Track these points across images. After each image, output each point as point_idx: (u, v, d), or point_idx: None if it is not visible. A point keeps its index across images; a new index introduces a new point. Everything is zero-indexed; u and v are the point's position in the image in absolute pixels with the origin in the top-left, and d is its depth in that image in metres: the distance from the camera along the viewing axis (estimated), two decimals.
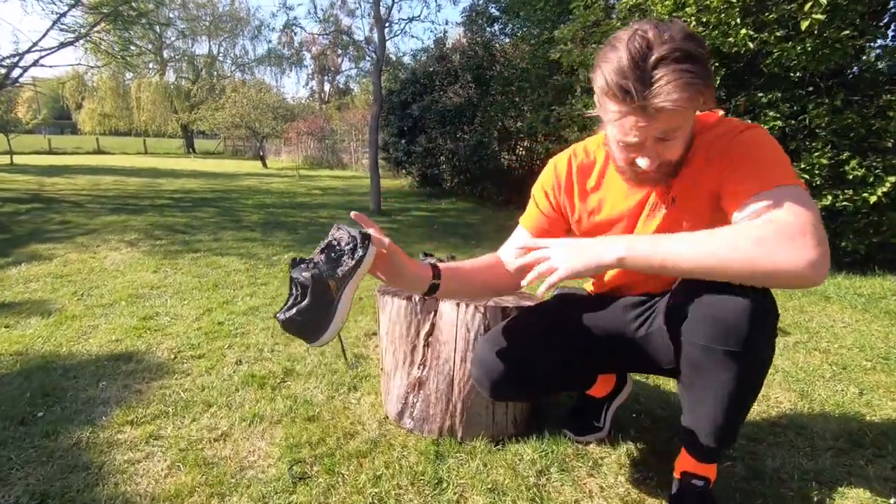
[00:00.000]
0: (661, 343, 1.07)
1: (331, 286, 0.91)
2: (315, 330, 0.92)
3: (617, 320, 1.14)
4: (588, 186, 1.12)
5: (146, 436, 1.40)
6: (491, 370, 1.11)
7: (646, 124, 0.83)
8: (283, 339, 2.16)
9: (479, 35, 7.56)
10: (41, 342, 2.11)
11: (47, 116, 27.96)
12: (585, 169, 1.12)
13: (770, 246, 0.76)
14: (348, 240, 0.93)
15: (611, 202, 1.09)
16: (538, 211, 1.19)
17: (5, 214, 5.43)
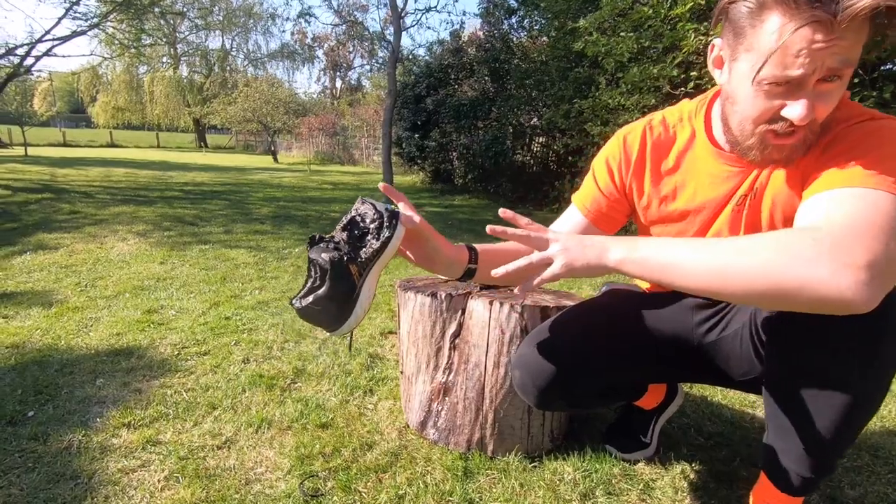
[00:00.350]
0: (737, 351, 0.91)
1: (352, 271, 0.77)
2: (334, 319, 0.79)
3: (681, 322, 0.99)
4: (664, 167, 0.93)
5: (143, 441, 1.26)
6: (538, 374, 0.96)
7: (825, 44, 0.61)
8: (293, 336, 2.03)
9: (496, 28, 7.38)
10: (39, 334, 2.00)
11: (63, 109, 28.23)
12: (663, 145, 0.93)
13: (800, 257, 0.59)
14: (374, 216, 0.79)
15: (692, 189, 0.90)
16: (597, 189, 1.00)
17: (16, 204, 5.37)
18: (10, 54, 6.44)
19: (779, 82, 0.66)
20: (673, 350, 0.99)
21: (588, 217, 1.02)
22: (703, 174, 0.88)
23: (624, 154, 0.96)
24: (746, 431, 1.37)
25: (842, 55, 0.62)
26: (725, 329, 0.93)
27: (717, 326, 0.95)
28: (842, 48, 0.62)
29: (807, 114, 0.66)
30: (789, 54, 0.63)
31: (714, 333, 0.95)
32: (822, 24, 0.60)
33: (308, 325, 2.12)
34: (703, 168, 0.88)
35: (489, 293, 1.27)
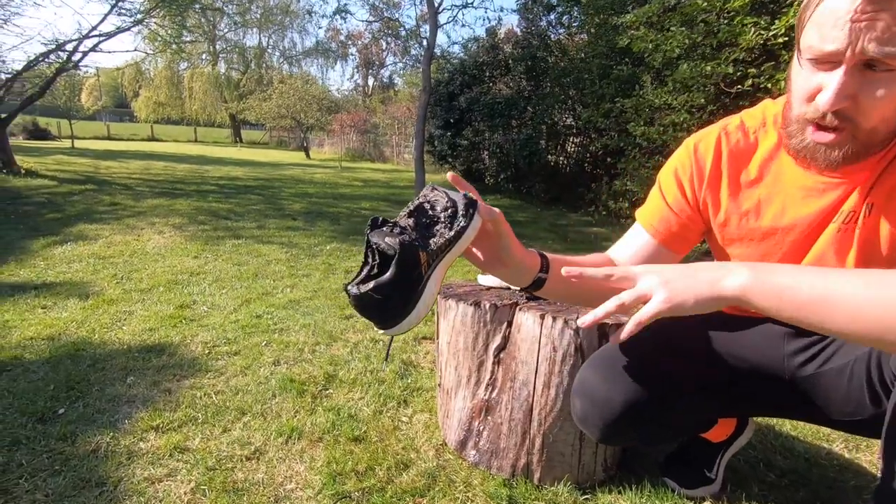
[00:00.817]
0: (843, 388, 0.78)
1: (421, 260, 0.67)
2: (393, 314, 0.68)
3: (770, 351, 0.86)
4: (744, 179, 0.81)
5: (171, 447, 1.21)
6: (604, 406, 0.84)
7: (864, 15, 0.55)
8: (324, 338, 1.96)
9: (533, 24, 7.21)
10: (75, 326, 2.00)
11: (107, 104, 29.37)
12: (742, 154, 0.81)
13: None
14: (446, 204, 0.69)
15: (779, 204, 0.77)
16: (665, 205, 0.88)
17: (60, 194, 5.54)
18: (59, 49, 6.66)
19: (816, 57, 0.61)
20: (760, 383, 0.86)
21: (657, 238, 0.88)
22: (793, 187, 0.76)
23: (696, 165, 0.84)
24: (824, 469, 1.23)
25: (887, 35, 0.54)
26: (828, 362, 0.80)
27: (817, 358, 0.82)
28: (885, 24, 0.54)
29: (831, 99, 0.59)
30: (827, 23, 0.58)
31: (812, 366, 0.82)
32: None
33: (340, 327, 2.07)
34: (793, 179, 0.76)
35: (539, 305, 1.16)
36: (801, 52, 0.63)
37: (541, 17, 7.11)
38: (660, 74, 3.83)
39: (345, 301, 2.42)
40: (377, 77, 32.05)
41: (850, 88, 0.59)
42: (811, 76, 0.63)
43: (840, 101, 0.60)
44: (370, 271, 0.68)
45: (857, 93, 0.59)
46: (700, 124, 3.45)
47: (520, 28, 7.67)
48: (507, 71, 7.54)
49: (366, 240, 0.68)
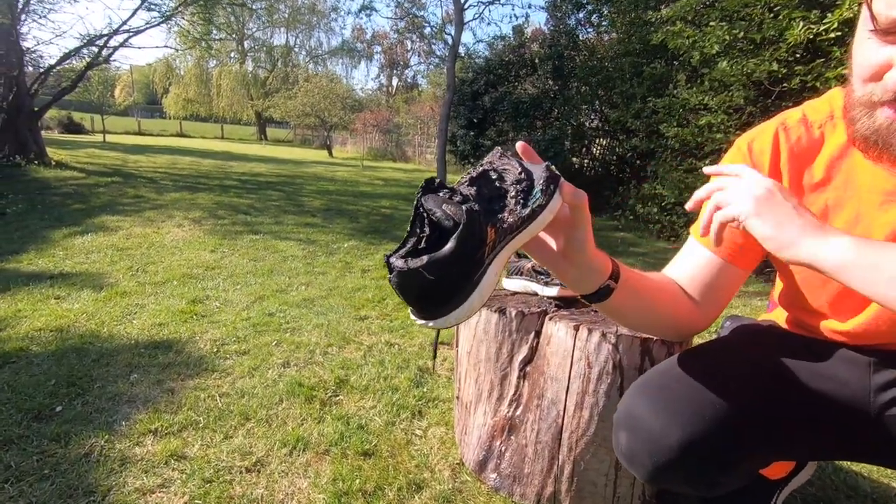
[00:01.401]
0: None
1: (488, 238, 0.52)
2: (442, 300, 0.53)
3: (854, 384, 0.72)
4: (808, 181, 0.70)
5: (167, 454, 1.13)
6: (656, 444, 0.70)
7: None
8: (336, 339, 1.87)
9: (562, 22, 7.05)
10: (85, 318, 1.95)
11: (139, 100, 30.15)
12: (805, 152, 0.70)
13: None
14: (519, 175, 0.55)
15: (852, 210, 0.66)
16: None
17: (87, 186, 5.61)
18: (90, 44, 6.78)
19: (884, 27, 0.53)
20: (838, 420, 0.72)
21: (720, 254, 0.75)
22: (869, 190, 0.64)
23: (752, 165, 0.71)
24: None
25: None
26: None
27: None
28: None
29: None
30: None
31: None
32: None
33: (354, 328, 1.96)
34: (869, 181, 0.64)
35: (571, 315, 1.04)
36: (867, 23, 0.54)
37: (569, 16, 6.94)
38: (696, 73, 3.64)
39: (360, 301, 2.33)
40: (401, 77, 32.16)
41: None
42: (879, 49, 0.54)
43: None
44: (418, 244, 0.52)
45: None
46: (739, 126, 3.25)
47: (547, 27, 7.51)
48: (534, 70, 7.38)
49: (415, 204, 0.53)
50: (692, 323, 0.78)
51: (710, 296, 0.77)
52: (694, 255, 0.78)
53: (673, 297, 0.75)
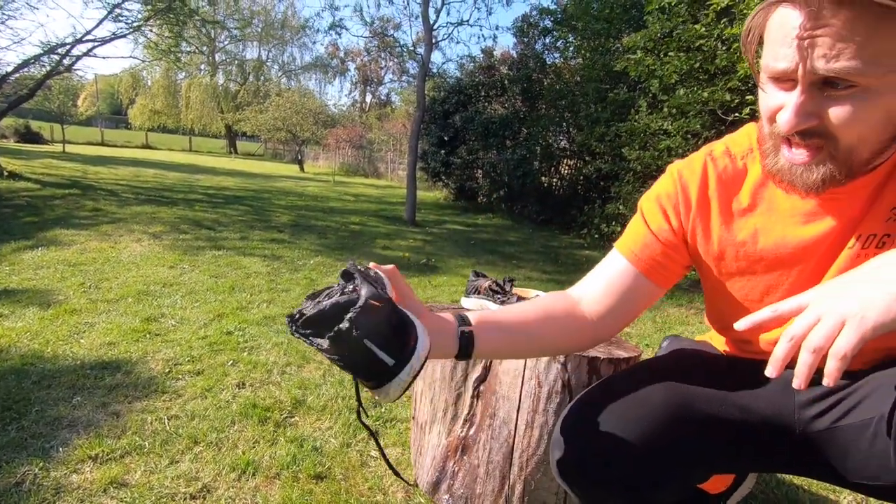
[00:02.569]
0: (863, 447, 0.68)
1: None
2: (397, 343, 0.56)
3: (777, 402, 0.75)
4: (736, 207, 0.75)
5: (107, 481, 1.08)
6: (587, 463, 0.72)
7: (808, 32, 0.52)
8: (296, 359, 1.84)
9: (529, 47, 7.26)
10: (28, 338, 1.85)
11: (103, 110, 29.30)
12: (731, 180, 0.75)
13: None
14: (339, 288, 0.56)
15: (778, 231, 0.71)
16: (650, 234, 0.79)
17: (41, 198, 5.39)
18: (51, 52, 6.57)
19: (773, 76, 0.59)
20: (767, 437, 0.75)
21: (639, 266, 0.79)
22: (788, 212, 0.70)
23: (682, 192, 0.77)
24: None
25: (838, 50, 0.52)
26: (846, 416, 0.69)
27: (833, 410, 0.71)
28: (837, 39, 0.51)
29: (791, 119, 0.56)
30: (776, 41, 0.57)
31: (827, 419, 0.71)
32: (799, 6, 0.53)
33: (310, 349, 1.92)
34: (787, 206, 0.70)
35: None
36: (761, 70, 0.61)
37: (536, 41, 7.16)
38: (656, 99, 3.81)
39: None
40: (375, 94, 32.35)
41: (810, 107, 0.56)
42: (774, 94, 0.60)
43: (801, 120, 0.56)
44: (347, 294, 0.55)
45: (821, 111, 0.55)
46: (695, 150, 3.41)
47: (516, 50, 7.72)
48: (503, 91, 7.55)
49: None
50: (594, 336, 0.81)
51: (620, 306, 0.80)
52: (613, 265, 0.81)
53: (559, 318, 0.79)
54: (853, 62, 0.51)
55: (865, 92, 0.53)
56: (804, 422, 0.74)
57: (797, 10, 0.53)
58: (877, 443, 0.66)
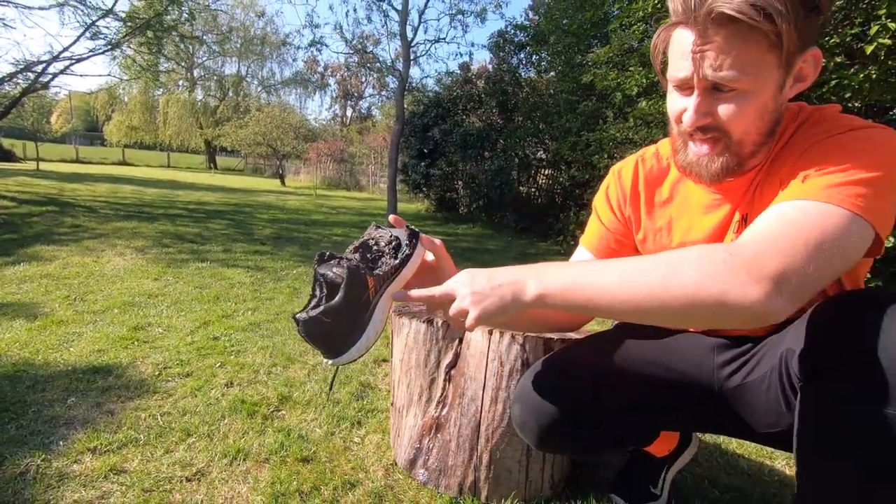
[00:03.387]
0: (763, 399, 0.82)
1: (369, 285, 0.70)
2: (342, 340, 0.70)
3: (701, 364, 0.89)
4: (658, 199, 0.91)
5: (107, 469, 1.16)
6: (540, 411, 0.87)
7: (698, 47, 0.66)
8: (282, 360, 1.93)
9: (505, 62, 7.51)
10: (18, 347, 1.91)
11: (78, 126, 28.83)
12: (656, 178, 0.91)
13: (715, 272, 0.59)
14: (389, 239, 0.74)
15: (686, 221, 0.87)
16: (601, 225, 0.98)
17: (18, 215, 5.35)
18: (27, 70, 6.56)
19: (675, 84, 0.72)
20: (690, 395, 0.89)
21: (598, 255, 0.97)
22: (696, 205, 0.86)
23: (620, 187, 0.95)
24: (766, 486, 1.26)
25: (720, 61, 0.65)
26: (751, 373, 0.83)
27: (742, 370, 0.85)
28: (718, 54, 0.65)
29: (692, 117, 0.70)
30: (676, 55, 0.69)
31: (738, 378, 0.85)
32: (691, 27, 0.66)
33: (299, 349, 2.04)
34: (695, 199, 0.86)
35: None
36: (669, 79, 0.74)
37: (511, 56, 7.41)
38: (621, 111, 4.02)
39: None
40: (355, 108, 32.52)
41: (705, 107, 0.70)
42: (677, 99, 0.73)
43: (699, 118, 0.70)
44: (318, 302, 0.70)
45: (713, 110, 0.69)
46: None
47: (492, 65, 7.96)
48: (480, 104, 7.77)
49: (314, 274, 0.71)
50: (570, 320, 0.96)
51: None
52: (580, 259, 0.98)
53: None
54: (731, 71, 0.65)
55: (743, 93, 0.67)
56: (721, 380, 0.88)
57: (690, 30, 0.67)
58: (770, 392, 0.80)
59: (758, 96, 0.68)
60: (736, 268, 0.59)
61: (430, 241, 0.77)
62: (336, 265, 0.70)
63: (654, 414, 0.92)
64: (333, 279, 0.68)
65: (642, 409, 0.90)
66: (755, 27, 0.62)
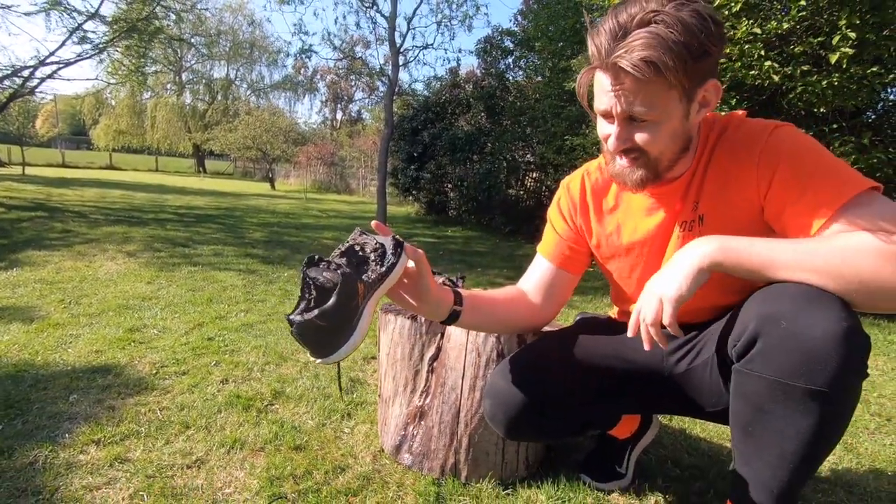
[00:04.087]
0: (707, 380, 0.92)
1: (360, 291, 0.77)
2: (332, 341, 0.77)
3: (652, 353, 0.99)
4: (605, 207, 1.02)
5: (111, 458, 1.24)
6: (508, 403, 0.97)
7: (612, 87, 0.77)
8: (274, 358, 2.01)
9: (492, 66, 7.64)
10: (17, 349, 1.97)
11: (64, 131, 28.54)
12: (601, 188, 1.03)
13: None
14: (374, 246, 0.81)
15: (632, 224, 0.98)
16: (556, 235, 1.09)
17: (7, 221, 5.36)
18: (14, 75, 6.56)
19: (601, 114, 0.83)
20: (644, 381, 1.00)
21: (555, 262, 1.08)
22: (638, 209, 0.97)
23: (570, 200, 1.06)
24: (722, 465, 1.36)
25: (631, 99, 0.76)
26: (696, 359, 0.94)
27: (688, 356, 0.96)
28: (629, 93, 0.76)
29: (614, 143, 0.82)
30: (600, 91, 0.80)
31: (684, 363, 0.96)
32: (607, 71, 0.77)
33: (291, 348, 2.12)
34: (637, 203, 0.97)
35: None
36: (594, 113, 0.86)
37: (499, 61, 7.54)
38: None
39: None
40: (345, 111, 32.53)
41: (624, 135, 0.82)
42: (604, 126, 0.85)
43: (620, 143, 0.82)
44: (308, 304, 0.76)
45: (631, 136, 0.81)
46: None
47: (480, 69, 8.09)
48: (468, 108, 7.89)
49: (302, 276, 0.78)
50: (534, 320, 1.09)
51: (549, 296, 1.08)
52: (538, 267, 1.10)
53: (514, 305, 1.06)
54: (641, 107, 0.77)
55: (655, 123, 0.79)
56: (670, 366, 0.99)
57: (603, 75, 0.79)
58: (712, 375, 0.91)
59: (667, 124, 0.80)
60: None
61: (414, 251, 0.86)
62: (326, 269, 0.77)
63: (613, 399, 1.03)
64: (324, 283, 0.75)
65: (602, 397, 1.01)
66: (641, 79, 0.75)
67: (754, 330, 0.72)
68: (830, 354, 0.65)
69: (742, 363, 0.74)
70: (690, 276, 0.74)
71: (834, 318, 0.66)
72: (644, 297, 0.80)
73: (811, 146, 0.79)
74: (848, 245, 0.69)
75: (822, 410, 0.68)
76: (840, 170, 0.76)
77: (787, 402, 0.69)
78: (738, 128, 0.86)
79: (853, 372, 0.67)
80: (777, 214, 0.80)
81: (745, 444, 0.78)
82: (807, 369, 0.66)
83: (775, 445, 0.73)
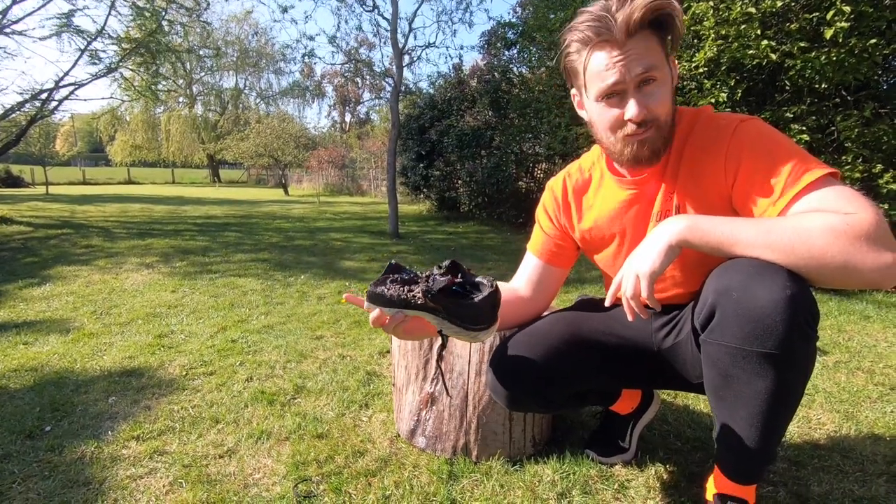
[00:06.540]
0: (689, 354, 0.99)
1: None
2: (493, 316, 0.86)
3: (641, 330, 1.07)
4: (585, 205, 1.10)
5: (150, 451, 1.35)
6: (508, 375, 1.05)
7: (621, 56, 0.82)
8: (295, 356, 2.12)
9: (496, 59, 7.66)
10: (57, 358, 2.11)
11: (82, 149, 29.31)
12: (581, 188, 1.11)
13: (846, 241, 0.71)
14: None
15: (608, 216, 1.05)
16: (544, 234, 1.18)
17: (36, 239, 5.60)
18: (34, 99, 6.81)
19: (608, 93, 0.86)
20: (637, 356, 1.07)
21: (542, 258, 1.17)
22: (614, 202, 1.04)
23: (554, 201, 1.15)
24: None
25: (640, 61, 0.82)
26: (679, 334, 1.01)
27: (673, 332, 1.02)
28: (637, 55, 0.82)
29: (639, 110, 0.84)
30: (601, 71, 0.85)
31: (670, 339, 1.03)
32: (611, 43, 0.83)
33: (310, 346, 2.23)
34: (612, 197, 1.04)
35: None
36: (598, 96, 0.88)
37: (503, 53, 7.56)
38: None
39: (316, 323, 2.58)
40: (354, 113, 32.76)
41: (642, 102, 0.85)
42: (609, 110, 0.89)
43: (641, 108, 0.86)
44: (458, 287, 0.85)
45: (647, 102, 0.86)
46: None
47: (484, 62, 8.12)
48: (474, 104, 7.93)
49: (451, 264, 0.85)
50: (527, 314, 1.17)
51: (540, 291, 1.17)
52: (528, 264, 1.19)
53: (510, 305, 1.13)
54: (651, 64, 0.83)
55: (661, 82, 0.85)
56: (658, 342, 1.06)
57: (605, 50, 0.84)
58: (693, 349, 0.98)
59: (667, 83, 0.87)
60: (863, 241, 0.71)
61: None
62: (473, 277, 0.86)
63: (608, 374, 1.10)
64: (478, 283, 0.84)
65: (596, 371, 1.08)
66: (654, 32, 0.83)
67: (712, 302, 0.78)
68: (776, 319, 0.71)
69: (706, 334, 0.81)
70: (662, 252, 0.81)
71: (778, 287, 0.72)
72: (623, 272, 0.87)
73: (774, 137, 0.85)
74: (801, 224, 0.74)
75: (776, 371, 0.74)
76: (800, 158, 0.81)
77: (745, 366, 0.76)
78: (707, 123, 0.92)
79: (799, 334, 0.73)
80: (743, 203, 0.86)
81: (719, 408, 0.85)
82: (758, 334, 0.73)
83: (742, 407, 0.80)
